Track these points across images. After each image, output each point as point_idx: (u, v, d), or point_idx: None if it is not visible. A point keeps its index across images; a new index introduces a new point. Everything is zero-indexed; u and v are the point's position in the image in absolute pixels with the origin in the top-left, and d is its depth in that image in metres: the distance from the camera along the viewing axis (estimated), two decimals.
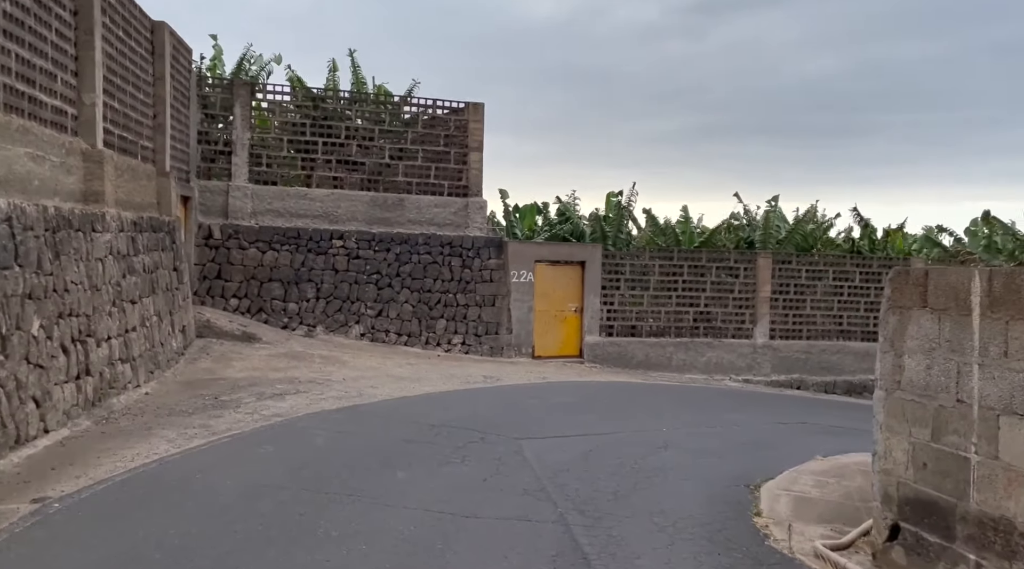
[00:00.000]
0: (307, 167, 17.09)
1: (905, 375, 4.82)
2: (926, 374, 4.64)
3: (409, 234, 16.88)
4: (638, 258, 17.81)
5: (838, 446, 9.98)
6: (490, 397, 11.93)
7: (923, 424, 4.65)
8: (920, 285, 4.69)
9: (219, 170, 16.66)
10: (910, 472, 4.76)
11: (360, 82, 18.35)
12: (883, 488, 4.98)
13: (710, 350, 17.92)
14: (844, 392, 18.32)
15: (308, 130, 17.04)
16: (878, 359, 5.07)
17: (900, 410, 4.86)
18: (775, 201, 20.11)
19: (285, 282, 16.24)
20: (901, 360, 4.85)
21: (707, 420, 11.48)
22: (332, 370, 13.11)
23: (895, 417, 4.90)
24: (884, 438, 4.97)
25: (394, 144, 17.40)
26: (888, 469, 4.95)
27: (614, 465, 8.22)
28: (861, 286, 18.78)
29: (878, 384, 5.06)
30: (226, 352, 13.62)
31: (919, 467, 4.68)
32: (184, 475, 6.76)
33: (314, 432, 8.64)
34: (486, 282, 16.93)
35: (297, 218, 16.57)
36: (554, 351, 17.06)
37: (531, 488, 7.06)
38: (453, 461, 7.83)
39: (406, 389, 11.93)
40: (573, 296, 17.22)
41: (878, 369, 5.07)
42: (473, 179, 17.39)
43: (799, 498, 7.53)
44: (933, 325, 4.59)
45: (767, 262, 18.27)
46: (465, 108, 17.56)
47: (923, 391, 4.67)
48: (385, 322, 16.57)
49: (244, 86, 16.83)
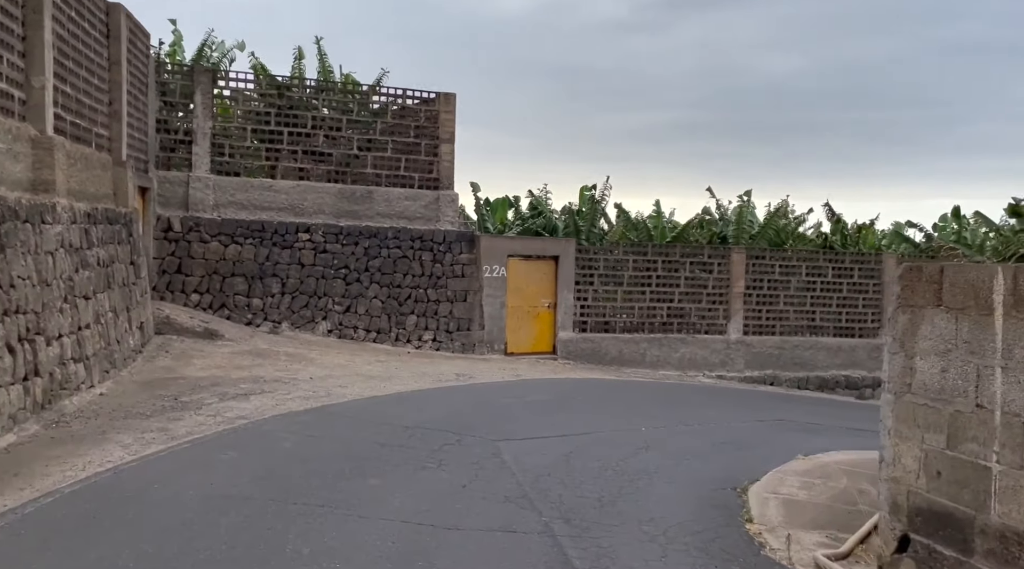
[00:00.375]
0: (272, 158, 16.49)
1: (917, 377, 4.55)
2: (941, 377, 4.38)
3: (378, 228, 16.39)
4: (612, 253, 17.54)
5: (817, 444, 9.93)
6: (464, 396, 11.56)
7: (937, 430, 4.38)
8: (934, 282, 4.42)
9: (179, 160, 15.99)
10: (922, 481, 4.50)
11: (327, 71, 17.79)
12: (892, 497, 4.71)
13: (684, 346, 17.74)
14: (817, 388, 18.30)
15: (273, 119, 16.45)
16: (886, 360, 4.80)
17: (911, 415, 4.59)
18: (748, 196, 20.01)
19: (249, 277, 15.66)
20: (912, 362, 4.59)
21: (685, 418, 11.28)
22: (299, 368, 12.61)
23: (905, 422, 4.63)
24: (893, 444, 4.71)
25: (362, 135, 16.88)
26: (897, 477, 4.69)
27: (596, 468, 7.92)
28: (833, 281, 18.75)
29: (886, 387, 4.79)
30: (187, 350, 13.04)
31: (932, 476, 4.42)
32: (140, 485, 6.27)
33: (281, 435, 8.18)
34: (458, 277, 16.52)
35: (261, 210, 15.98)
36: (527, 348, 16.73)
37: (513, 495, 6.71)
38: (429, 466, 7.44)
39: (376, 388, 11.49)
40: (546, 291, 16.90)
41: (886, 371, 4.80)
42: (444, 171, 16.95)
43: (788, 501, 7.31)
44: (949, 325, 4.32)
45: (741, 257, 18.13)
46: (436, 98, 17.10)
47: (937, 395, 4.41)
48: (353, 318, 16.08)
49: (205, 73, 16.17)
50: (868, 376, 18.72)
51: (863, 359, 18.80)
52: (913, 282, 4.59)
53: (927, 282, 4.48)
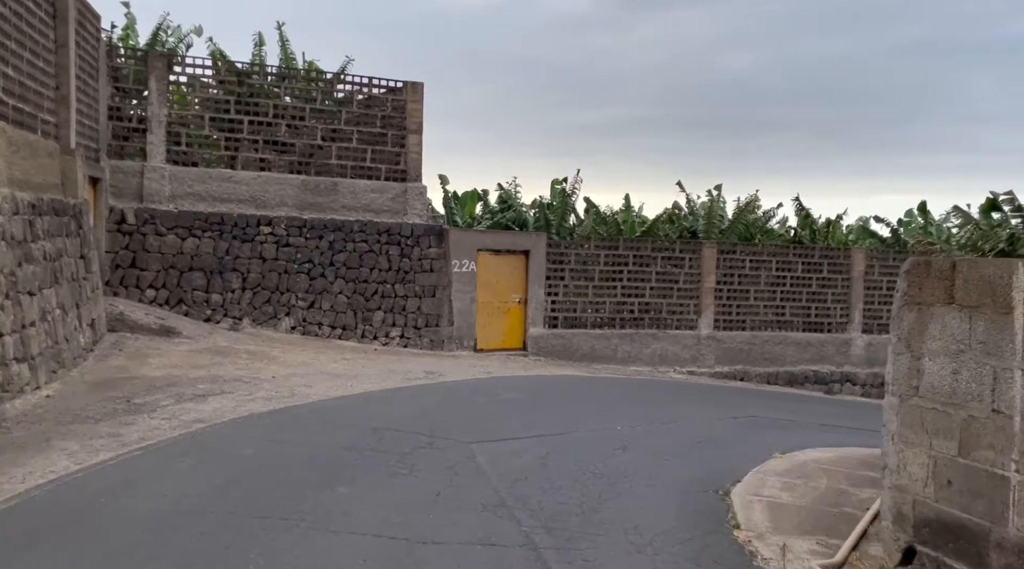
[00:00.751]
0: (231, 148, 15.86)
1: (925, 380, 4.29)
2: (952, 379, 4.12)
3: (343, 221, 15.87)
4: (583, 247, 17.26)
5: (792, 441, 9.74)
6: (434, 395, 11.17)
7: (948, 436, 4.13)
8: (945, 278, 4.15)
9: (133, 149, 15.29)
10: (930, 489, 4.24)
11: (289, 58, 17.18)
12: (896, 506, 4.45)
13: (655, 341, 17.54)
14: (786, 383, 18.26)
15: (232, 108, 15.81)
16: (890, 361, 4.53)
17: (918, 419, 4.33)
18: (718, 190, 19.86)
19: (208, 271, 15.03)
20: (920, 363, 4.32)
21: (660, 416, 11.08)
22: (260, 367, 12.09)
23: (911, 427, 4.37)
24: (897, 450, 4.44)
25: (327, 124, 16.33)
26: (902, 485, 4.42)
27: (574, 471, 7.61)
28: (803, 276, 18.71)
29: (889, 389, 4.52)
30: (141, 348, 12.43)
31: (942, 485, 4.16)
32: (86, 499, 5.77)
33: (242, 441, 7.71)
34: (426, 272, 16.08)
35: (220, 202, 15.36)
36: (497, 344, 16.37)
37: (490, 503, 6.34)
38: (401, 472, 7.05)
39: (343, 387, 11.04)
40: (517, 286, 16.55)
41: (890, 372, 4.53)
42: (412, 163, 16.48)
43: (773, 504, 7.09)
44: (962, 324, 4.06)
45: (712, 252, 17.98)
46: (403, 87, 16.61)
47: (948, 399, 4.15)
48: (318, 314, 15.55)
49: (160, 58, 15.47)
50: (836, 371, 18.75)
51: (831, 354, 18.82)
52: (921, 278, 4.32)
53: (937, 278, 4.21)
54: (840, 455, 9.36)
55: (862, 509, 7.03)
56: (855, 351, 18.87)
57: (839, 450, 9.68)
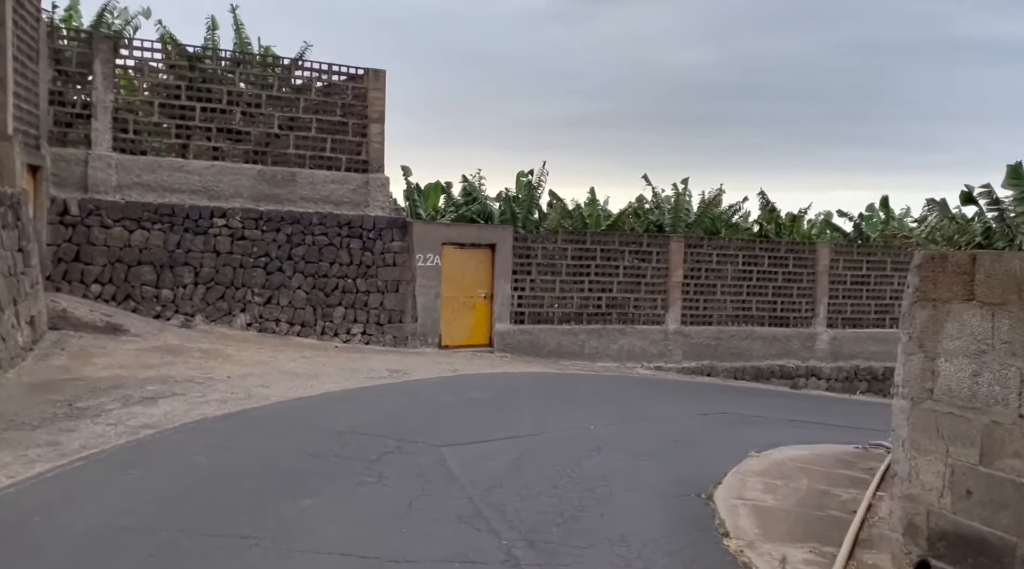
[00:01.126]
0: (183, 135, 15.13)
1: (940, 382, 4.00)
2: (972, 382, 3.83)
3: (302, 213, 15.25)
4: (550, 241, 16.90)
5: (765, 439, 9.53)
6: (400, 395, 10.71)
7: (967, 443, 3.84)
8: (964, 273, 3.86)
9: (77, 137, 14.46)
10: (946, 500, 3.96)
11: (244, 43, 16.46)
12: (907, 517, 4.16)
13: (622, 337, 17.29)
14: (752, 378, 18.18)
15: (183, 94, 15.06)
16: (900, 362, 4.23)
17: (932, 424, 4.04)
18: (685, 184, 19.69)
19: (158, 266, 14.30)
20: (935, 364, 4.03)
21: (631, 414, 10.84)
22: (215, 366, 11.48)
23: (925, 433, 4.08)
24: (909, 458, 4.15)
25: (284, 112, 15.68)
26: (914, 494, 4.13)
27: (551, 475, 7.26)
28: (769, 270, 18.63)
29: (899, 392, 4.23)
30: (86, 347, 11.71)
31: (960, 495, 3.87)
32: (19, 517, 5.20)
33: (194, 448, 7.16)
34: (389, 266, 15.55)
35: (171, 193, 14.62)
36: (462, 340, 15.93)
37: (466, 513, 5.93)
38: (368, 480, 6.59)
39: (303, 388, 10.51)
40: (483, 281, 16.12)
41: (900, 373, 4.23)
42: (374, 153, 15.91)
43: (758, 508, 6.85)
44: (983, 322, 3.77)
45: (679, 246, 17.78)
46: (365, 75, 16.02)
47: (968, 403, 3.86)
48: (275, 310, 14.93)
49: (106, 41, 14.65)
50: (802, 366, 18.74)
51: (797, 349, 18.80)
52: (935, 273, 4.02)
53: (954, 273, 3.92)
54: (815, 453, 9.27)
55: (847, 512, 6.87)
56: (820, 345, 18.89)
57: (813, 447, 9.61)
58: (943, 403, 3.99)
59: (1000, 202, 10.41)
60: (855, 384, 18.99)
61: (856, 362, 19.10)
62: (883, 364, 19.25)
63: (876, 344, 19.25)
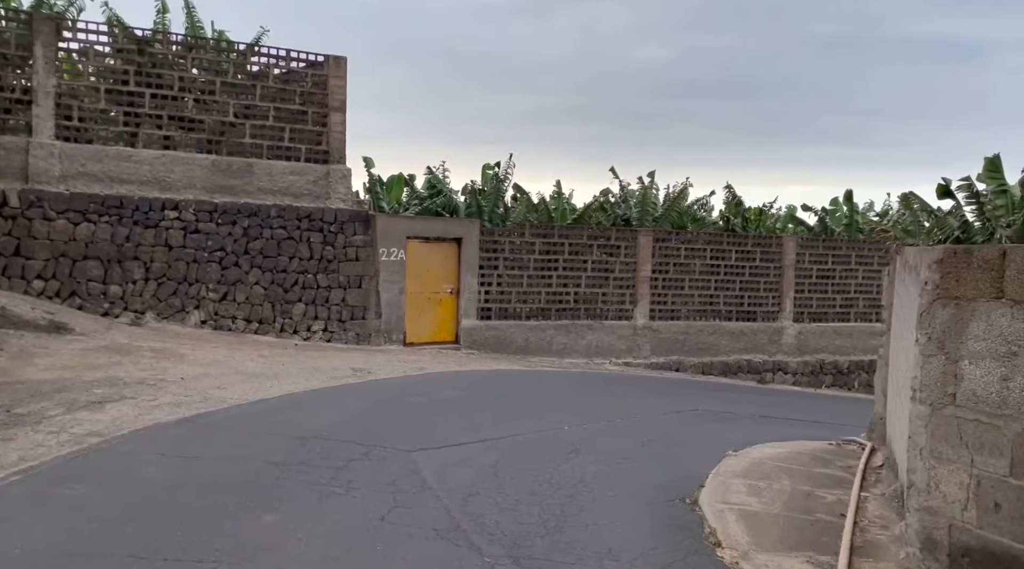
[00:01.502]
0: (131, 123, 14.36)
1: (964, 386, 3.72)
2: (1001, 387, 3.55)
3: (259, 205, 14.61)
4: (517, 235, 16.51)
5: (739, 436, 9.37)
6: (365, 395, 10.24)
7: (996, 453, 3.56)
8: (992, 269, 3.58)
9: (17, 124, 13.63)
10: (971, 514, 3.68)
11: (196, 26, 15.71)
12: (925, 531, 3.88)
13: (591, 332, 17.01)
14: (720, 373, 18.08)
15: (132, 79, 14.29)
16: (918, 364, 3.94)
17: (955, 432, 3.76)
18: (651, 177, 19.46)
19: (105, 260, 13.55)
20: (958, 367, 3.75)
21: (604, 412, 10.57)
22: (167, 367, 10.88)
23: (946, 441, 3.79)
24: (927, 467, 3.86)
25: (240, 100, 15.00)
26: (934, 507, 3.85)
27: (530, 482, 6.90)
28: (736, 265, 18.52)
29: (917, 396, 3.94)
30: (27, 347, 10.98)
31: (987, 508, 3.60)
32: None
33: (145, 458, 6.62)
34: (351, 261, 15.00)
35: (119, 184, 13.86)
36: (428, 337, 15.47)
37: (443, 526, 5.53)
38: (336, 490, 6.14)
39: (262, 389, 9.98)
40: (449, 276, 15.67)
41: (918, 377, 3.95)
42: (335, 143, 15.32)
43: (745, 513, 6.59)
44: (1014, 322, 3.49)
45: (648, 240, 17.56)
46: (325, 62, 15.42)
47: (996, 409, 3.58)
48: (231, 307, 14.28)
49: (47, 22, 13.81)
50: (769, 360, 18.70)
51: (764, 343, 18.75)
52: (959, 269, 3.74)
53: (981, 268, 3.64)
54: (791, 450, 9.15)
55: (835, 515, 6.67)
56: (786, 340, 18.87)
57: (788, 445, 9.51)
58: (967, 409, 3.71)
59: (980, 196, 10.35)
60: (821, 378, 19.02)
61: (822, 356, 19.13)
62: (848, 358, 19.32)
63: (841, 338, 19.31)
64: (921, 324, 3.92)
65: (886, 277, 9.75)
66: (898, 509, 6.90)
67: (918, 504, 3.93)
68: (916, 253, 6.26)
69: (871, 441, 9.59)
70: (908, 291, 7.58)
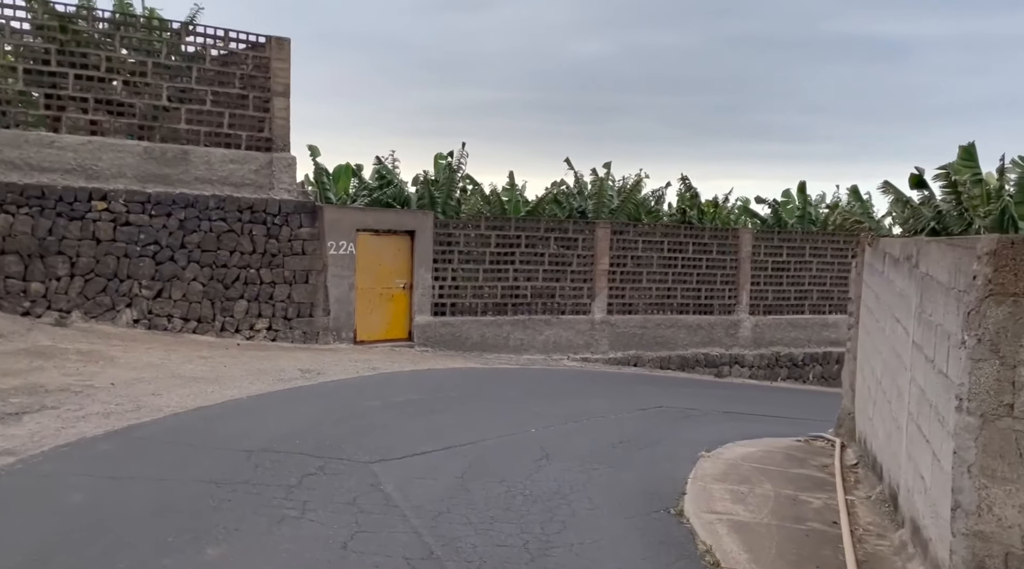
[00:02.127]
0: (53, 107, 13.21)
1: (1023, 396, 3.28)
2: None
3: (197, 195, 13.63)
4: (473, 228, 15.88)
5: (708, 435, 9.19)
6: (317, 400, 9.51)
7: None
8: None
9: None
10: None
11: (124, 3, 14.61)
12: (976, 559, 3.43)
13: (548, 328, 16.50)
14: (678, 367, 17.80)
15: (54, 59, 13.13)
16: (966, 370, 3.49)
17: (1012, 447, 3.32)
18: (607, 168, 19.06)
19: (25, 255, 12.43)
20: (1015, 373, 3.31)
21: (569, 412, 10.14)
22: (96, 371, 9.95)
23: (1001, 457, 3.35)
24: (977, 487, 3.42)
25: (174, 83, 13.96)
26: (986, 533, 3.41)
27: (502, 494, 6.37)
28: (694, 257, 18.24)
29: (964, 407, 3.49)
30: None
31: None
32: None
33: (68, 480, 5.82)
34: (297, 255, 14.14)
35: (40, 172, 12.73)
36: (379, 334, 14.73)
37: (415, 554, 4.92)
38: (290, 514, 5.46)
39: (202, 395, 9.17)
40: (401, 270, 14.94)
41: (964, 384, 3.49)
42: (279, 130, 14.41)
43: (735, 525, 6.24)
44: None
45: (605, 233, 17.12)
46: (267, 43, 14.47)
47: None
48: (167, 305, 13.30)
49: None
50: (726, 354, 18.51)
51: (721, 336, 18.54)
52: (1015, 262, 3.29)
53: None
54: (764, 450, 8.98)
55: (827, 523, 6.42)
56: (743, 333, 18.70)
57: (759, 443, 9.39)
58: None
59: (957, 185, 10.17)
60: (776, 371, 18.93)
61: (777, 349, 19.04)
62: (802, 350, 19.29)
63: (796, 330, 19.26)
64: (969, 324, 3.47)
65: (854, 269, 9.49)
66: (890, 515, 6.60)
67: (966, 528, 3.47)
68: (913, 244, 5.88)
69: (839, 437, 9.37)
70: (891, 284, 7.25)
